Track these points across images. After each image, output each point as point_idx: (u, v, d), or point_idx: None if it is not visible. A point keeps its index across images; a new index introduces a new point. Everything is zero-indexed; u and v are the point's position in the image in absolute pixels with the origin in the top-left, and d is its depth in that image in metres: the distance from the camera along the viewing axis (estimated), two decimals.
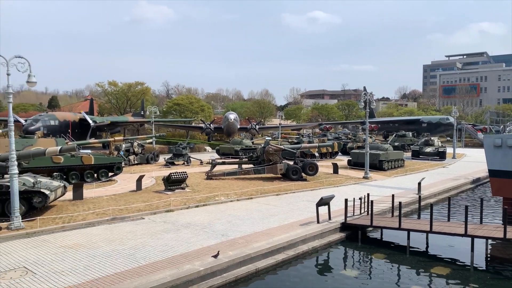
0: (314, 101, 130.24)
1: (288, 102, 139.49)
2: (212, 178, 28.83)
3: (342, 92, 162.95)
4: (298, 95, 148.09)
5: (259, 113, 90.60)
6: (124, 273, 11.53)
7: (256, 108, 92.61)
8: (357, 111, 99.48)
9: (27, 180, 17.59)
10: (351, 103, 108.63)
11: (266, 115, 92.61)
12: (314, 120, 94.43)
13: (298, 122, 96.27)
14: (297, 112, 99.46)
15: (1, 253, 12.97)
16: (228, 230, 16.21)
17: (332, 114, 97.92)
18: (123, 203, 20.31)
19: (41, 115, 54.38)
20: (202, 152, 52.04)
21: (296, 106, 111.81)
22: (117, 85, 77.85)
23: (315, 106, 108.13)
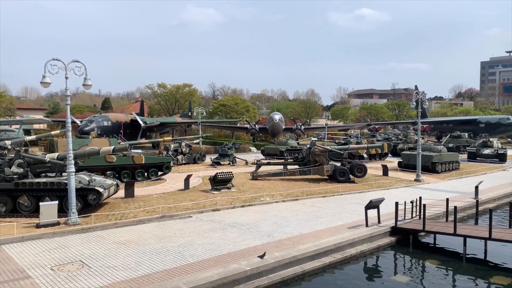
0: (362, 101, 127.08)
1: (335, 102, 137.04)
2: (257, 179, 28.89)
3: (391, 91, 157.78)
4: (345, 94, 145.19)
5: (305, 113, 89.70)
6: (173, 270, 11.78)
7: (301, 108, 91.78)
8: (408, 110, 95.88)
9: (83, 178, 18.45)
10: (401, 102, 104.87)
11: (311, 116, 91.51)
12: (362, 120, 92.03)
13: (345, 122, 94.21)
14: (344, 112, 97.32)
15: (60, 247, 13.71)
16: (274, 231, 16.12)
17: (381, 114, 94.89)
18: (171, 201, 20.84)
19: (95, 116, 57.18)
20: (247, 152, 52.41)
21: (343, 106, 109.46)
22: (166, 87, 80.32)
23: (364, 106, 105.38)
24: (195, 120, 62.89)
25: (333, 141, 51.28)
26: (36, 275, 11.20)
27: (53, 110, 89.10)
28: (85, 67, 16.77)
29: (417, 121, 31.53)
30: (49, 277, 11.05)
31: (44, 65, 15.89)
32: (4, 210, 17.40)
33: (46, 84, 16.34)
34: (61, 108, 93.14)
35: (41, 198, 17.41)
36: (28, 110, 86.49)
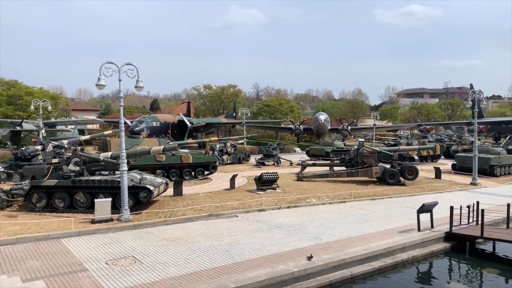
0: (412, 100, 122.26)
1: (383, 101, 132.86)
2: (303, 180, 28.61)
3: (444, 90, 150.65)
4: (394, 94, 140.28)
5: (351, 113, 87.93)
6: (221, 268, 11.89)
7: (348, 108, 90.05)
8: (462, 110, 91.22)
9: (134, 177, 19.11)
10: (455, 102, 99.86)
11: (358, 116, 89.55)
12: (412, 120, 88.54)
13: (394, 122, 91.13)
14: (393, 112, 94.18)
15: (113, 242, 14.28)
16: (321, 233, 15.86)
17: (433, 114, 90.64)
18: (218, 200, 21.11)
19: (144, 117, 59.32)
20: (291, 153, 52.14)
21: (392, 105, 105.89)
22: (211, 88, 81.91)
23: (414, 105, 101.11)
24: (239, 121, 63.55)
25: (382, 142, 49.76)
26: (92, 268, 11.72)
27: (105, 111, 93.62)
28: (137, 70, 17.37)
29: (473, 122, 29.83)
30: (104, 271, 11.52)
31: (99, 68, 16.61)
32: (62, 205, 18.40)
33: (101, 86, 17.06)
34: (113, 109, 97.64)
35: (96, 195, 18.21)
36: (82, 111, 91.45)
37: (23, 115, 51.46)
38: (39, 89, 63.39)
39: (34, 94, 55.98)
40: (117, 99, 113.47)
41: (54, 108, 56.93)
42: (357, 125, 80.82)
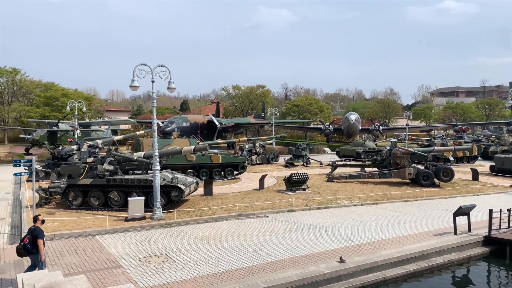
0: (446, 100, 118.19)
1: (416, 101, 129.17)
2: (333, 181, 28.26)
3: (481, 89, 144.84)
4: (427, 93, 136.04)
5: (383, 113, 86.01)
6: (252, 267, 11.90)
7: (379, 108, 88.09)
8: (500, 110, 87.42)
9: (166, 176, 19.45)
10: (493, 101, 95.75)
11: (390, 115, 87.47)
12: (446, 120, 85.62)
13: (428, 122, 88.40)
14: (426, 111, 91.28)
15: (146, 240, 14.57)
16: (352, 235, 15.60)
17: (469, 114, 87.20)
18: (247, 200, 21.16)
19: (175, 118, 60.27)
20: (321, 153, 51.62)
21: (426, 105, 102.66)
22: (240, 88, 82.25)
23: (449, 105, 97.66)
24: (268, 121, 63.49)
25: (415, 143, 48.47)
26: (126, 265, 12.00)
27: (137, 112, 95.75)
28: (169, 71, 17.69)
29: None
30: (138, 268, 11.77)
31: (132, 69, 17.03)
32: (97, 203, 18.95)
33: (135, 87, 17.45)
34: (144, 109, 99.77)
35: (129, 193, 18.65)
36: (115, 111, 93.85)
37: (59, 115, 53.41)
38: (74, 91, 65.69)
39: (70, 95, 58.03)
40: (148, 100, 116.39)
41: (88, 109, 58.83)
42: (389, 125, 78.99)
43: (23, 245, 10.29)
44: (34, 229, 10.44)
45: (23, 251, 10.30)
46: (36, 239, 10.22)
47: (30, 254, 10.32)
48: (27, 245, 10.24)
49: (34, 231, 10.38)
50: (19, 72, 60.75)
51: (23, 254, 10.35)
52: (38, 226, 10.56)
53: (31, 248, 10.21)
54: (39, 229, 10.48)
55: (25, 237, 10.42)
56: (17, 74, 60.54)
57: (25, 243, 10.27)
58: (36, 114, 55.54)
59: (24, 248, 10.26)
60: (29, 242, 10.24)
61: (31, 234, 10.34)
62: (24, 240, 10.35)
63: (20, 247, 10.34)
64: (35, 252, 10.23)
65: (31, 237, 10.27)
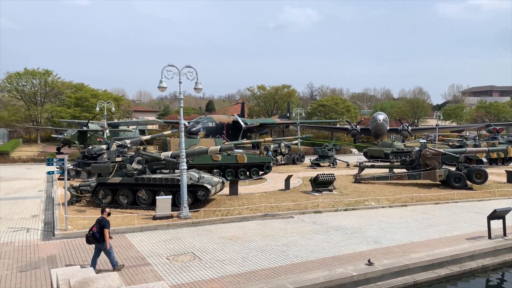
0: (479, 99, 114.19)
1: (447, 100, 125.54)
2: (361, 182, 27.81)
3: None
4: (458, 92, 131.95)
5: (412, 113, 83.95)
6: (278, 268, 11.82)
7: (408, 107, 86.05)
8: None
9: (193, 175, 19.63)
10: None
11: (419, 115, 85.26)
12: (479, 120, 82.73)
13: (459, 123, 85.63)
14: (457, 111, 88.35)
15: (173, 238, 14.73)
16: (381, 237, 15.28)
17: (504, 114, 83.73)
18: (273, 200, 21.09)
19: (201, 118, 60.87)
20: (347, 154, 50.93)
21: (457, 105, 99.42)
22: (265, 88, 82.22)
23: (481, 104, 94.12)
24: (293, 121, 63.20)
25: (446, 144, 47.14)
26: (154, 263, 12.16)
27: (164, 112, 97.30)
28: (196, 72, 17.82)
29: None
30: (166, 266, 11.90)
31: (160, 71, 17.23)
32: (126, 202, 19.32)
33: (163, 88, 17.67)
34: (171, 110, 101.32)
35: (157, 192, 18.93)
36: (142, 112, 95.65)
37: (89, 116, 54.90)
38: (103, 92, 67.36)
39: (99, 96, 59.53)
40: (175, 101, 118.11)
41: (117, 110, 60.06)
42: (418, 126, 77.11)
43: (92, 234, 11.19)
44: (101, 219, 11.32)
45: (91, 239, 11.19)
46: (103, 228, 11.09)
47: (97, 242, 11.20)
48: (95, 234, 11.13)
49: (102, 221, 11.26)
50: (51, 73, 62.83)
51: (91, 241, 11.24)
52: (105, 217, 11.43)
53: (98, 236, 11.10)
54: (106, 220, 11.34)
55: (94, 226, 11.30)
56: (49, 76, 62.61)
57: (93, 232, 11.16)
58: (67, 114, 57.25)
59: (92, 236, 11.16)
60: (97, 231, 11.12)
61: (99, 224, 11.21)
62: (92, 229, 11.23)
63: (89, 235, 11.23)
64: (102, 240, 11.12)
65: (99, 227, 11.14)
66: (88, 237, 11.29)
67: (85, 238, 11.43)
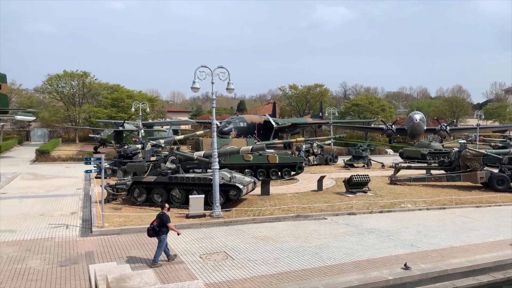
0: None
1: (488, 99, 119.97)
2: (396, 183, 27.05)
3: None
4: (501, 90, 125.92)
5: (450, 112, 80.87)
6: (311, 270, 11.65)
7: (446, 107, 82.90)
8: None
9: (225, 175, 19.72)
10: None
11: (459, 115, 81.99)
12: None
13: (502, 122, 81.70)
14: (500, 110, 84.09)
15: (206, 237, 14.83)
16: (417, 240, 14.76)
17: None
18: (305, 201, 20.86)
19: (232, 118, 61.23)
20: (382, 154, 49.73)
21: (499, 103, 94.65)
22: (297, 88, 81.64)
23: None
24: (326, 121, 62.44)
25: (487, 144, 45.10)
26: (187, 261, 12.28)
27: (196, 112, 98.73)
28: (229, 73, 17.89)
29: None
30: (199, 264, 11.99)
31: (193, 72, 17.43)
32: (160, 200, 19.63)
33: (196, 89, 17.86)
34: (203, 110, 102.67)
35: (190, 191, 19.14)
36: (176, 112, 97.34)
37: (125, 116, 56.45)
38: (138, 92, 69.11)
39: (134, 97, 61.08)
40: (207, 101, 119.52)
41: (151, 110, 61.56)
42: (457, 125, 74.25)
43: (152, 227, 11.91)
44: (162, 214, 11.99)
45: (152, 232, 11.92)
46: (165, 222, 11.85)
47: (157, 235, 11.91)
48: (155, 227, 11.84)
49: (162, 216, 11.94)
50: (88, 75, 65.19)
51: (152, 234, 11.98)
52: (165, 212, 12.11)
53: (158, 230, 11.81)
54: (166, 215, 12.02)
55: (154, 220, 12.00)
56: (87, 77, 64.98)
57: (154, 226, 11.88)
58: (103, 114, 59.14)
59: (153, 230, 11.88)
60: (158, 225, 11.83)
61: (160, 218, 11.90)
62: (153, 223, 11.94)
63: (150, 229, 11.96)
64: (160, 233, 11.85)
65: (160, 221, 11.85)
66: (149, 230, 11.98)
67: (146, 231, 12.16)
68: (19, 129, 68.33)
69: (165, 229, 11.95)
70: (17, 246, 13.65)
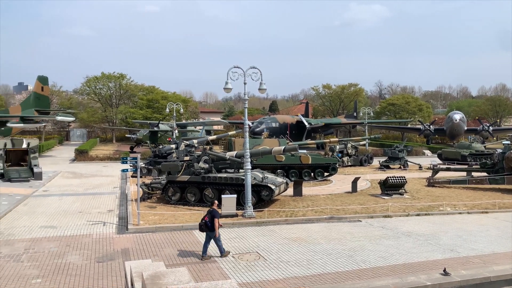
0: None
1: None
2: (435, 186, 26.08)
3: None
4: None
5: (493, 112, 77.21)
6: (345, 273, 11.41)
7: (488, 106, 79.11)
8: None
9: (257, 175, 19.68)
10: None
11: (502, 115, 78.22)
12: None
13: None
14: None
15: (238, 237, 14.84)
16: (457, 245, 14.14)
17: None
18: (339, 203, 20.49)
19: (264, 118, 61.18)
20: (420, 156, 48.13)
21: None
22: (331, 87, 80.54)
23: None
24: (361, 121, 61.22)
25: None
26: (220, 260, 12.33)
27: (229, 113, 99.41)
28: (261, 73, 17.85)
29: None
30: (231, 264, 12.01)
31: (226, 72, 17.51)
32: (193, 199, 19.90)
33: (228, 89, 17.94)
34: (235, 111, 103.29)
35: (222, 191, 19.24)
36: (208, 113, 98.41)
37: (160, 117, 57.67)
38: (173, 94, 70.44)
39: (169, 98, 62.29)
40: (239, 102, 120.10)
41: (185, 111, 62.53)
42: (500, 126, 70.78)
43: (204, 222, 12.39)
44: (212, 210, 12.54)
45: (204, 227, 12.40)
46: (214, 218, 12.26)
47: (209, 230, 12.36)
48: (207, 223, 12.31)
49: (212, 212, 12.45)
50: (125, 77, 67.15)
51: (204, 229, 12.46)
52: (215, 208, 12.68)
53: (210, 225, 12.26)
54: (216, 211, 12.58)
55: (205, 216, 12.50)
56: (123, 79, 66.94)
57: (206, 221, 12.36)
58: (139, 115, 60.68)
59: (205, 225, 12.35)
60: (209, 220, 12.31)
61: (210, 214, 12.40)
62: (205, 219, 12.42)
63: (202, 224, 12.46)
64: (212, 229, 12.28)
65: (211, 216, 12.32)
66: (201, 226, 12.46)
67: (198, 226, 12.66)
68: (59, 130, 71.31)
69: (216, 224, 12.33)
70: (58, 241, 14.18)
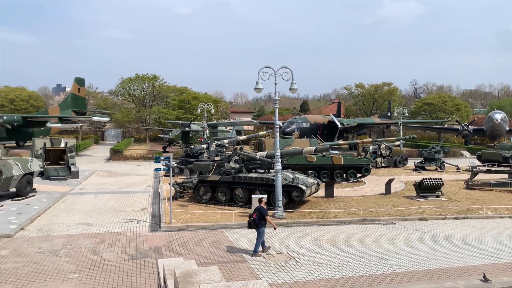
0: None
1: None
2: (474, 188, 25.04)
3: None
4: None
5: None
6: (378, 276, 11.12)
7: None
8: None
9: (287, 176, 19.52)
10: None
11: None
12: None
13: None
14: None
15: (269, 238, 14.67)
16: (498, 251, 13.50)
17: None
18: (372, 205, 20.04)
19: (295, 118, 60.76)
20: (457, 157, 46.43)
21: None
22: (364, 87, 79.01)
23: None
24: (395, 121, 59.72)
25: None
26: (251, 260, 12.32)
27: (259, 113, 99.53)
28: (292, 72, 17.71)
29: None
30: (262, 264, 11.97)
31: (257, 72, 17.47)
32: (224, 199, 20.00)
33: (259, 90, 17.93)
34: (265, 111, 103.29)
35: (253, 191, 19.21)
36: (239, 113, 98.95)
37: (191, 117, 58.49)
38: (204, 94, 71.32)
39: (200, 98, 63.09)
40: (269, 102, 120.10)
41: (216, 111, 63.12)
42: None
43: (253, 220, 12.73)
44: (260, 208, 12.83)
45: (253, 224, 12.75)
46: (264, 215, 12.66)
47: (257, 227, 12.71)
48: (256, 220, 12.65)
49: (261, 209, 12.77)
50: (158, 78, 68.63)
51: (252, 226, 12.82)
52: (263, 206, 12.94)
53: (258, 222, 12.62)
54: (264, 208, 12.86)
55: (254, 213, 12.87)
56: (157, 80, 68.44)
57: (254, 218, 12.70)
58: (172, 116, 61.84)
59: (253, 222, 12.71)
60: (258, 217, 12.65)
61: (259, 211, 12.73)
62: (253, 216, 12.77)
63: (251, 221, 12.78)
64: (260, 226, 12.65)
65: (259, 214, 12.67)
66: (249, 223, 12.80)
67: (247, 223, 13.00)
68: (95, 130, 73.73)
69: (264, 222, 12.63)
70: (94, 238, 14.62)
